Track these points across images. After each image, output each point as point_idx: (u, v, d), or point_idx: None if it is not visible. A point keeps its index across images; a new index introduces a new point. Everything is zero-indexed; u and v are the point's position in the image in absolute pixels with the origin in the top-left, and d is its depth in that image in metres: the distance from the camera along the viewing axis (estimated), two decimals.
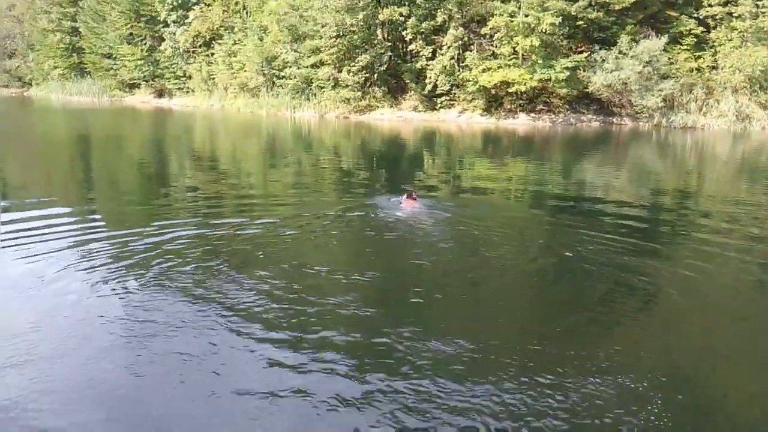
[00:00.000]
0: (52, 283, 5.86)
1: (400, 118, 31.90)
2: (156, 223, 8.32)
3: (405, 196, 9.43)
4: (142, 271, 6.19)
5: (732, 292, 6.42)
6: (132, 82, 51.60)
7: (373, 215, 9.16)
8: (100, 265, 6.36)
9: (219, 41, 42.07)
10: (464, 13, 29.98)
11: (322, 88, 33.88)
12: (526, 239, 8.43)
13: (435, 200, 10.34)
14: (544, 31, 26.90)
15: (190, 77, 45.99)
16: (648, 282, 6.34)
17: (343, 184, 12.96)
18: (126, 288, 5.74)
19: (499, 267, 6.94)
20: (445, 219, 9.02)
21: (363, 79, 32.34)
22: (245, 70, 38.65)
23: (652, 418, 3.77)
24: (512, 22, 27.70)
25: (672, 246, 8.16)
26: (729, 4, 27.73)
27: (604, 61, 27.86)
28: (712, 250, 7.68)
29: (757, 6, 26.82)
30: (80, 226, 8.51)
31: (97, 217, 9.46)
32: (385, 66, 32.40)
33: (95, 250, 6.91)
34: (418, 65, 31.32)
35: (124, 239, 7.43)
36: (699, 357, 4.87)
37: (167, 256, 6.69)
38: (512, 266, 7.01)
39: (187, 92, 46.85)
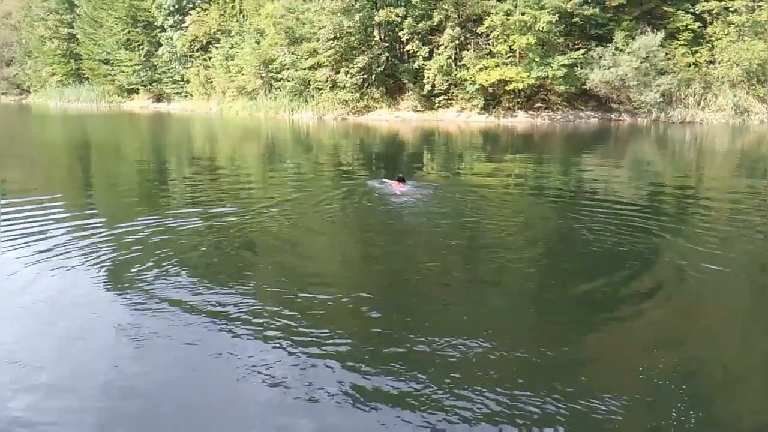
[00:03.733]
0: (47, 281, 5.87)
1: (399, 119, 31.89)
2: (155, 219, 8.40)
3: (394, 180, 10.55)
4: (145, 267, 6.20)
5: (736, 275, 6.42)
6: (130, 87, 51.67)
7: (367, 201, 9.91)
8: (100, 261, 6.36)
9: (216, 45, 42.13)
10: (460, 12, 30.04)
11: (320, 89, 33.91)
12: (522, 223, 8.53)
13: (432, 188, 10.76)
14: (540, 29, 26.94)
15: (188, 81, 46.03)
16: (654, 264, 6.39)
17: (342, 179, 12.94)
18: (128, 285, 5.74)
19: (495, 247, 7.01)
20: (441, 202, 9.27)
21: (361, 80, 32.39)
22: (243, 74, 38.67)
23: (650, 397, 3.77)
24: (509, 20, 27.74)
25: (676, 232, 8.13)
26: None
27: (601, 57, 27.90)
28: (716, 235, 7.75)
29: (753, 0, 26.89)
30: (78, 225, 8.50)
31: (96, 214, 9.46)
32: (383, 67, 32.43)
33: (94, 247, 6.92)
34: (416, 65, 31.35)
35: (124, 236, 7.46)
36: (702, 336, 4.86)
37: (165, 250, 6.76)
38: (507, 247, 7.01)
39: (185, 96, 46.90)
